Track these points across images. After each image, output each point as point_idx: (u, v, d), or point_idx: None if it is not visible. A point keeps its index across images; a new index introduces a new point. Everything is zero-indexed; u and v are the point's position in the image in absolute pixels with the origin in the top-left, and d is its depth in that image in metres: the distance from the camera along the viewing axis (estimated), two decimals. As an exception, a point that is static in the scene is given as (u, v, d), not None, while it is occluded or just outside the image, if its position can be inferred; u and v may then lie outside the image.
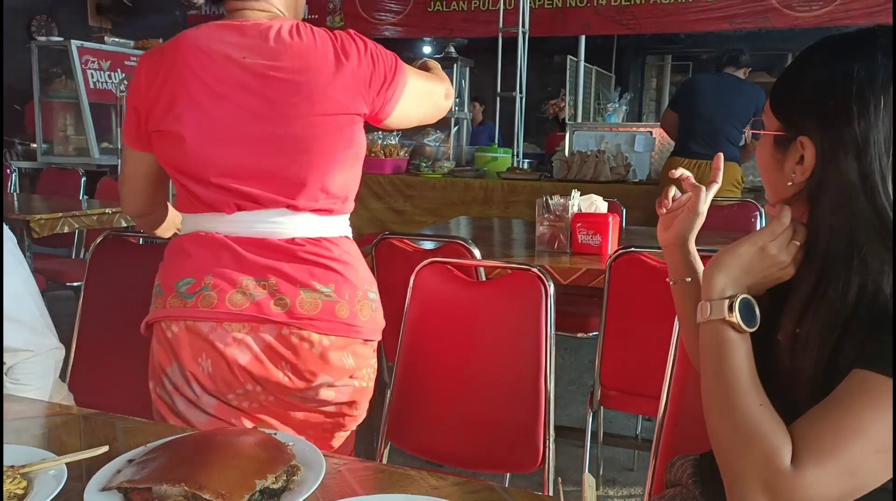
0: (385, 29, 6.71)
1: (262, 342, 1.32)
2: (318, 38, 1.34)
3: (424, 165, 4.98)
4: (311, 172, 1.34)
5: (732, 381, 0.85)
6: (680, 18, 5.94)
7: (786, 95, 0.91)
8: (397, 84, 1.41)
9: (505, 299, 1.61)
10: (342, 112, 1.34)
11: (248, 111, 1.31)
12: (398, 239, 2.15)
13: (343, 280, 1.37)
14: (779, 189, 0.92)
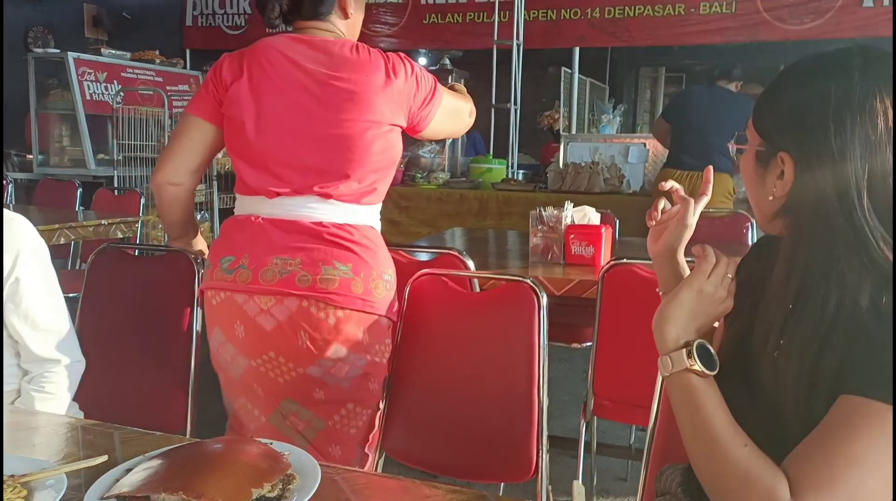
0: (380, 41, 6.74)
1: (286, 312, 1.52)
2: (372, 56, 1.58)
3: (420, 177, 5.01)
4: (350, 168, 1.56)
5: (712, 430, 0.86)
6: (673, 31, 6.00)
7: (766, 112, 0.94)
8: (435, 103, 1.66)
9: (498, 311, 1.63)
10: (385, 121, 1.58)
11: (305, 110, 1.54)
12: (393, 250, 2.16)
13: (360, 261, 1.57)
14: (761, 203, 0.95)
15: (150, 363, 1.80)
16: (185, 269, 1.80)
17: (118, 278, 1.87)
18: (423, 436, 1.66)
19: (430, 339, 1.67)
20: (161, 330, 1.80)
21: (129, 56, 5.74)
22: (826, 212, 0.86)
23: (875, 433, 0.76)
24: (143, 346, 1.82)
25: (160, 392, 1.78)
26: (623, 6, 6.00)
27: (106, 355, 1.81)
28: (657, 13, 5.96)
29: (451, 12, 6.40)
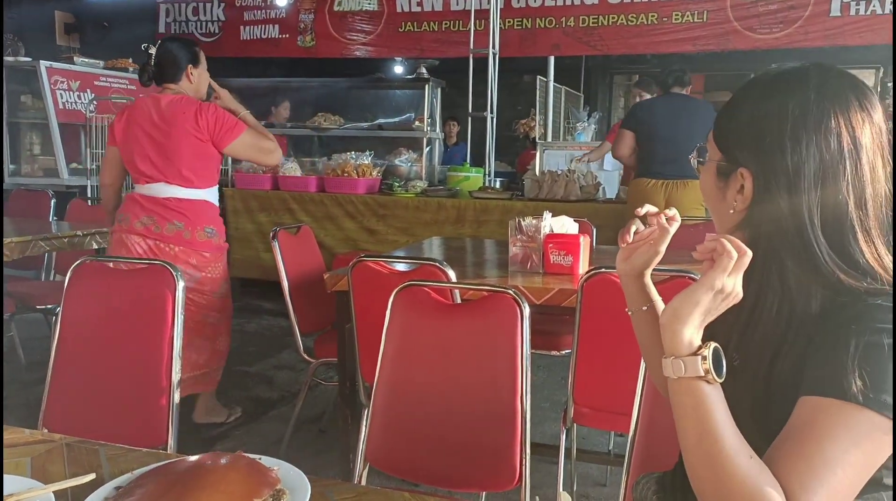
0: (356, 49, 6.76)
1: (146, 246, 2.85)
2: (188, 105, 2.83)
3: (397, 185, 5.02)
4: (177, 165, 2.85)
5: (720, 439, 0.82)
6: (645, 40, 6.08)
7: (726, 127, 0.97)
8: (231, 135, 2.87)
9: (481, 321, 1.64)
10: (196, 138, 2.83)
11: (151, 137, 2.85)
12: (374, 262, 2.18)
13: (187, 220, 2.88)
14: (722, 216, 0.98)
15: (131, 377, 1.79)
16: (164, 281, 1.79)
17: (97, 292, 1.85)
18: (407, 446, 1.67)
19: (413, 349, 1.68)
20: (141, 343, 1.79)
21: (102, 64, 5.67)
22: (780, 226, 0.90)
23: (840, 430, 0.79)
24: (123, 359, 1.80)
25: (141, 406, 1.77)
26: (597, 15, 6.08)
27: (86, 369, 1.80)
28: (630, 22, 6.05)
29: (427, 20, 6.43)
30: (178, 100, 2.82)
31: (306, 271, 2.88)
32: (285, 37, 6.97)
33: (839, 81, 0.91)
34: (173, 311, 1.78)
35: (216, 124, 2.81)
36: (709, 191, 1.00)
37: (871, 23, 5.58)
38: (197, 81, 2.92)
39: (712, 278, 0.85)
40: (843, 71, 0.94)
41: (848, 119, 0.88)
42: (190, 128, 2.79)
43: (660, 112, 4.07)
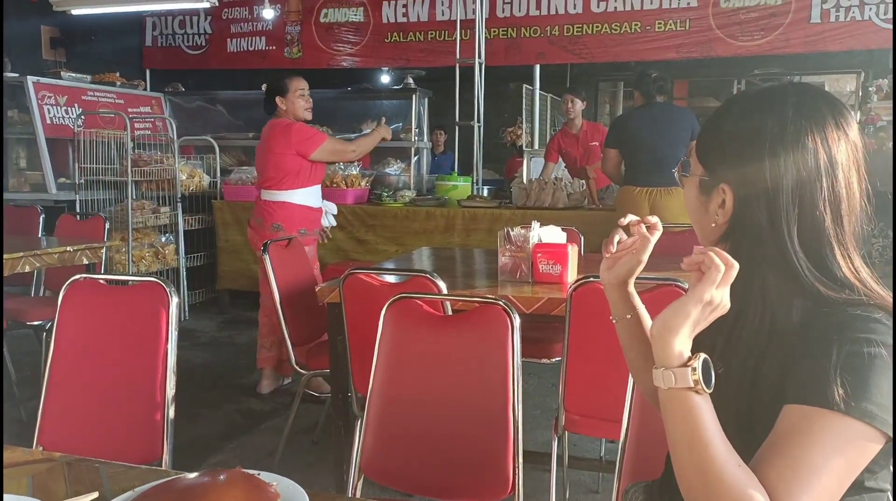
0: (343, 59, 6.79)
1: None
2: (280, 125, 3.56)
3: (386, 195, 5.05)
4: (262, 172, 3.66)
5: (710, 448, 0.84)
6: (629, 48, 6.15)
7: (709, 143, 1.01)
8: (314, 148, 3.57)
9: (473, 332, 1.67)
10: (280, 152, 3.55)
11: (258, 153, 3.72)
12: (365, 274, 2.20)
13: (268, 215, 3.62)
14: (704, 229, 1.01)
15: (125, 393, 1.80)
16: (158, 297, 1.80)
17: (91, 309, 1.87)
18: (400, 457, 1.69)
19: (406, 361, 1.70)
20: (136, 359, 1.80)
21: (89, 79, 5.67)
22: (760, 240, 0.93)
23: (824, 438, 0.82)
24: (118, 375, 1.81)
25: (136, 421, 1.78)
26: (581, 24, 6.14)
27: (81, 385, 1.81)
28: (614, 31, 6.12)
29: (413, 31, 6.47)
30: (269, 124, 3.62)
31: (297, 283, 2.90)
32: (272, 48, 7.00)
33: (816, 100, 0.95)
34: (167, 327, 1.80)
35: (301, 138, 3.49)
36: (691, 204, 1.04)
37: (850, 29, 5.67)
38: (290, 107, 3.55)
39: (701, 290, 0.86)
40: (820, 90, 0.98)
41: (824, 137, 0.92)
42: (272, 145, 3.53)
43: (641, 122, 4.12)
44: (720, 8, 5.90)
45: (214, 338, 4.86)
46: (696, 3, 5.91)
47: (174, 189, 5.20)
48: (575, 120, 5.40)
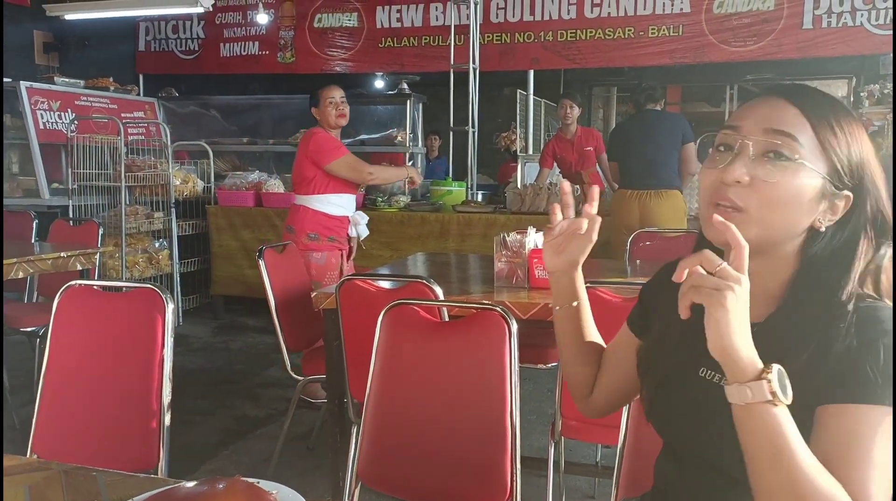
0: (336, 64, 6.79)
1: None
2: (308, 133, 3.72)
3: (381, 200, 5.05)
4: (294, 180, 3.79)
5: (796, 458, 0.80)
6: (623, 53, 6.18)
7: (844, 154, 0.93)
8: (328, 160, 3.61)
9: (470, 338, 1.67)
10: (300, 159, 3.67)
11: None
12: (361, 280, 2.20)
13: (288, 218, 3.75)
14: (795, 227, 0.93)
15: (121, 400, 1.79)
16: (153, 303, 1.80)
17: (86, 316, 1.86)
18: (398, 464, 1.69)
19: (404, 367, 1.70)
20: (131, 366, 1.80)
21: (82, 84, 5.65)
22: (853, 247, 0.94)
23: (878, 434, 0.83)
24: (113, 383, 1.81)
25: (132, 429, 1.77)
26: (575, 29, 6.17)
27: (76, 392, 1.80)
28: (608, 36, 6.14)
29: (407, 36, 6.48)
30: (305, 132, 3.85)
31: (292, 289, 2.90)
32: (265, 53, 7.00)
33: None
34: (163, 333, 1.79)
35: (317, 148, 3.60)
36: (793, 197, 0.91)
37: (842, 35, 5.71)
38: (322, 116, 3.65)
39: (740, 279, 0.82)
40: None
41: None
42: (299, 151, 3.72)
43: (633, 130, 4.30)
44: (713, 14, 5.94)
45: (208, 344, 4.85)
46: (689, 9, 5.94)
47: (168, 194, 5.18)
48: (571, 125, 5.42)
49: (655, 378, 1.09)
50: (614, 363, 1.21)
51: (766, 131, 0.92)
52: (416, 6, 6.42)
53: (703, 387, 1.00)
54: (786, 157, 0.91)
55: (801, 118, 0.92)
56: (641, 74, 8.39)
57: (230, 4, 6.92)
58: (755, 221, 0.91)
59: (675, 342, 1.05)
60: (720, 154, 0.95)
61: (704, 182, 0.96)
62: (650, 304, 1.16)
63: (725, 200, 0.91)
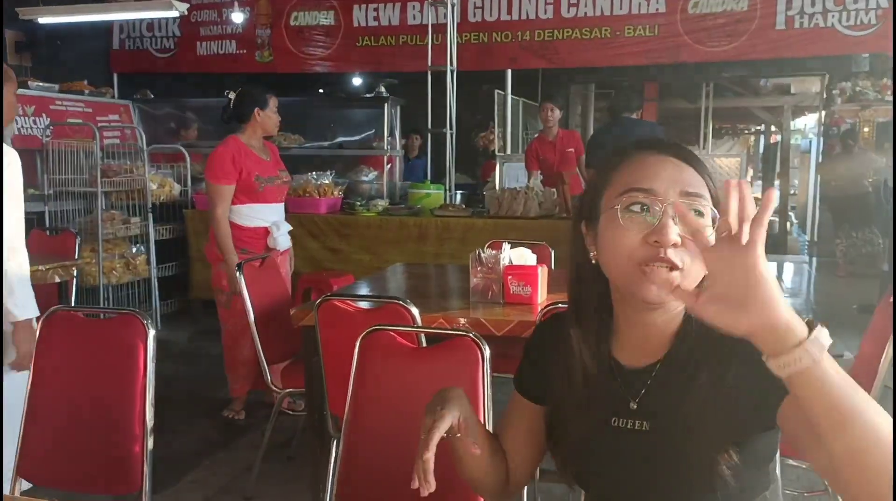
0: (315, 64, 6.77)
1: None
2: (224, 142, 3.56)
3: (359, 204, 5.07)
4: None
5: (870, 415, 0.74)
6: (600, 53, 6.23)
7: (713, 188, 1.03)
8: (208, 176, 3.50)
9: (444, 364, 1.71)
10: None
11: None
12: (340, 300, 2.24)
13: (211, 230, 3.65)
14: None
15: (104, 426, 1.82)
16: (135, 330, 1.82)
17: (69, 342, 1.88)
18: (377, 488, 1.73)
19: (381, 392, 1.74)
20: (114, 392, 1.82)
21: (57, 88, 5.59)
22: None
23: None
24: (96, 408, 1.83)
25: (116, 453, 1.80)
26: (552, 29, 6.20)
27: (59, 418, 1.83)
28: (584, 36, 6.19)
29: (384, 35, 6.48)
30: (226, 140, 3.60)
31: (272, 302, 2.92)
32: (243, 52, 6.96)
33: None
34: (145, 359, 1.82)
35: (210, 162, 3.48)
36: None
37: (813, 35, 5.81)
38: (265, 121, 3.52)
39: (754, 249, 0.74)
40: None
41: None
42: None
43: (610, 137, 4.39)
44: (688, 14, 6.00)
45: (187, 349, 4.86)
46: (664, 9, 6.00)
47: (145, 199, 5.16)
48: (552, 128, 5.48)
49: (570, 441, 1.10)
50: (522, 440, 1.20)
51: (683, 194, 0.98)
52: (394, 5, 6.42)
53: (618, 437, 1.05)
54: (700, 213, 0.98)
55: (699, 178, 1.01)
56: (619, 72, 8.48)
57: (206, 2, 6.85)
58: (689, 276, 0.97)
59: (580, 399, 1.08)
60: (636, 215, 0.99)
61: (628, 244, 0.97)
62: (542, 364, 1.18)
63: (664, 261, 0.95)
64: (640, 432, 1.03)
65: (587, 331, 1.10)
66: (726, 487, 0.95)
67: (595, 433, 1.07)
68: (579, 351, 1.09)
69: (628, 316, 1.06)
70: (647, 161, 1.02)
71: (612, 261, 1.01)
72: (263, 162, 3.54)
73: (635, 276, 0.98)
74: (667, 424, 1.01)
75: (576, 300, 1.12)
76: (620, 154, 1.06)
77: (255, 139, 3.53)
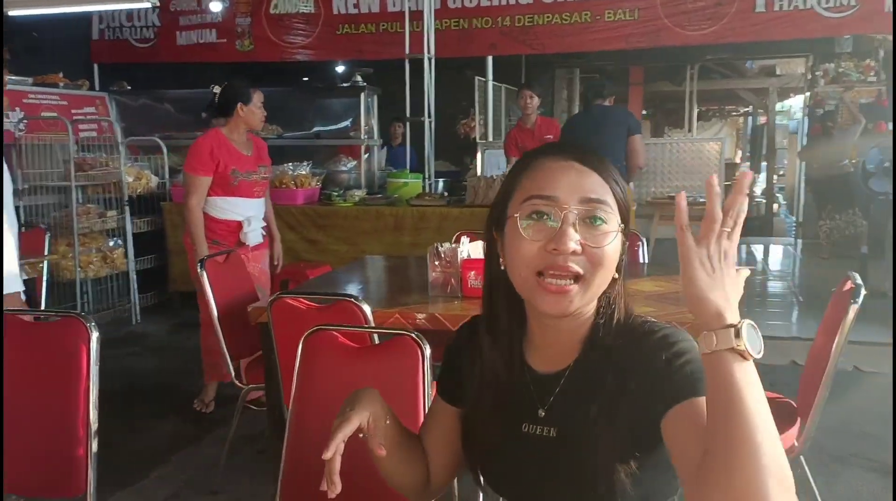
0: (296, 52, 6.73)
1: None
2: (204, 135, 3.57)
3: (336, 195, 5.05)
4: None
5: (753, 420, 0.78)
6: (580, 38, 6.20)
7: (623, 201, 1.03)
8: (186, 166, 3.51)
9: (385, 363, 1.71)
10: None
11: None
12: (292, 298, 2.23)
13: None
14: (609, 280, 1.02)
15: (47, 429, 1.82)
16: (78, 333, 1.82)
17: (14, 346, 1.87)
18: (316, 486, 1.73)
19: (322, 391, 1.74)
20: (56, 395, 1.82)
21: (31, 81, 5.55)
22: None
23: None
24: (39, 412, 1.83)
25: (59, 457, 1.80)
26: (532, 14, 6.17)
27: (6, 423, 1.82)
28: (565, 21, 6.15)
29: (365, 22, 6.44)
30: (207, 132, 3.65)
31: (237, 297, 2.92)
32: (223, 41, 6.91)
33: None
34: (88, 362, 1.82)
35: (190, 151, 3.49)
36: (614, 256, 0.99)
37: (793, 18, 5.78)
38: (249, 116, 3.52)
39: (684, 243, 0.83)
40: None
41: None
42: None
43: (580, 124, 4.53)
44: (668, -3, 5.97)
45: (165, 342, 4.86)
46: (644, -7, 5.96)
47: (121, 192, 5.14)
48: (531, 115, 5.46)
49: (482, 445, 1.10)
50: (441, 442, 1.19)
51: (584, 201, 0.97)
52: (374, -8, 6.38)
53: (528, 443, 1.04)
54: (602, 220, 0.97)
55: (602, 183, 1.00)
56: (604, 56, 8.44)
57: (185, -10, 6.81)
58: (590, 286, 0.97)
59: (492, 404, 1.08)
60: (537, 223, 0.98)
61: (527, 253, 0.97)
62: (458, 368, 1.17)
63: (563, 269, 0.95)
64: (547, 438, 1.03)
65: (499, 337, 1.09)
66: (625, 495, 0.95)
67: (506, 439, 1.07)
68: (490, 357, 1.09)
69: (539, 322, 1.06)
70: (550, 167, 1.01)
71: (514, 270, 1.01)
72: (243, 157, 3.54)
73: (533, 287, 0.98)
74: (571, 431, 1.01)
75: (488, 306, 1.12)
76: (526, 159, 1.06)
77: (238, 133, 3.53)
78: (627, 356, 0.98)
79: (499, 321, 1.09)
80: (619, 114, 4.40)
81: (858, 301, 2.08)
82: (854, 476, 2.90)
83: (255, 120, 3.54)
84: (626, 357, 0.98)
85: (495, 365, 1.08)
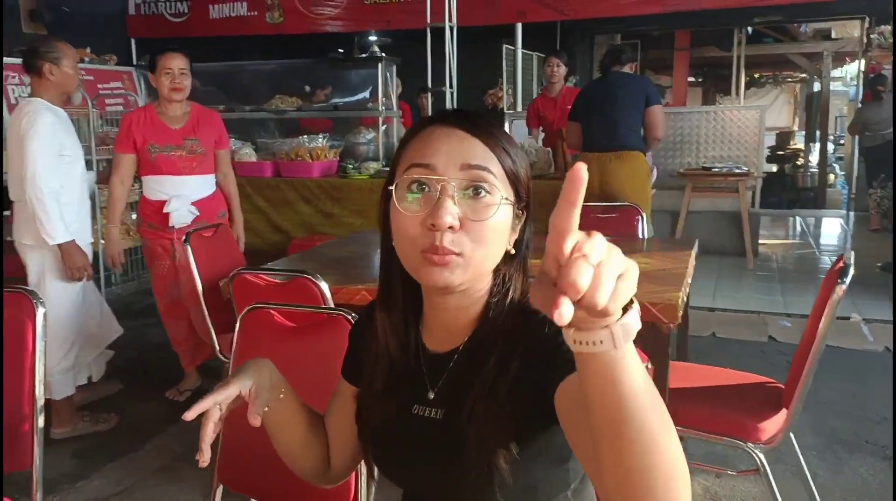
0: (325, 24, 6.70)
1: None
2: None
3: (351, 167, 5.00)
4: None
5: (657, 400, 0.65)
6: (613, 3, 5.97)
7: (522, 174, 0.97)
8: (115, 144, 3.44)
9: (319, 343, 1.66)
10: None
11: None
12: (251, 274, 2.20)
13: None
14: (497, 258, 0.95)
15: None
16: (24, 308, 1.82)
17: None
18: (257, 467, 1.70)
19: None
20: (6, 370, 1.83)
21: (57, 57, 5.63)
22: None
23: None
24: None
25: (5, 432, 1.81)
26: (563, -22, 5.95)
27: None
28: (597, -15, 5.93)
29: (394, -9, 6.34)
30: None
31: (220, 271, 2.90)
32: (254, 14, 6.94)
33: None
34: (34, 337, 1.81)
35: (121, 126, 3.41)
36: (501, 231, 0.91)
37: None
38: (156, 85, 3.31)
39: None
40: None
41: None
42: None
43: (595, 92, 4.21)
44: (711, -45, 5.69)
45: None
46: (683, -48, 5.69)
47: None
48: (556, 84, 5.30)
49: (373, 426, 1.05)
50: (342, 423, 1.13)
51: (464, 167, 0.88)
52: (400, -41, 6.27)
53: (416, 424, 0.99)
54: (485, 191, 0.89)
55: (486, 150, 0.90)
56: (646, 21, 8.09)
57: (216, -37, 6.84)
58: (471, 262, 0.89)
59: (385, 384, 1.03)
60: (413, 196, 0.89)
61: (410, 229, 0.89)
62: (358, 347, 1.12)
63: (439, 248, 0.87)
64: (433, 420, 0.98)
65: (393, 316, 1.03)
66: (505, 483, 0.89)
67: (396, 420, 1.02)
68: (384, 337, 1.03)
69: (430, 299, 1.00)
70: (432, 134, 0.92)
71: (398, 246, 0.93)
72: (168, 130, 3.30)
73: (418, 263, 0.90)
74: (455, 413, 0.95)
75: (382, 285, 1.05)
76: (417, 124, 0.98)
77: (167, 105, 3.30)
78: (512, 335, 0.92)
79: (394, 299, 1.03)
80: (637, 82, 4.17)
81: (846, 281, 1.94)
82: (863, 464, 2.73)
83: (162, 89, 3.26)
84: (511, 337, 0.92)
85: (389, 344, 1.03)
